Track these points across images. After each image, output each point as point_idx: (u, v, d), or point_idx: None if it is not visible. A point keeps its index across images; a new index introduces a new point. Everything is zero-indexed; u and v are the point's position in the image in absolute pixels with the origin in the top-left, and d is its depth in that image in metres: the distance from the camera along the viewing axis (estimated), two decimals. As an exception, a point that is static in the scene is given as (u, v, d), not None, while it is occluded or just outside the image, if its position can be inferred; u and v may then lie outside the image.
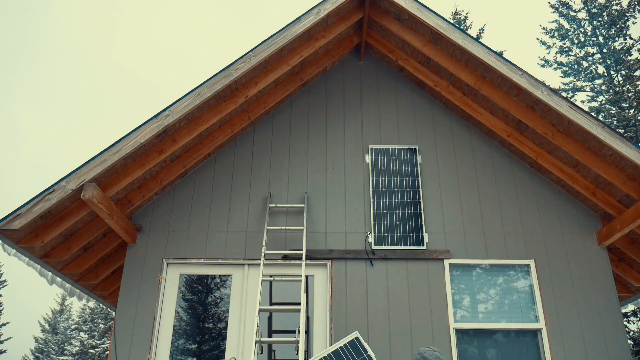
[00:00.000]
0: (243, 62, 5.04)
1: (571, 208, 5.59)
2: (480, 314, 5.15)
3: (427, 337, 4.94)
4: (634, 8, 17.79)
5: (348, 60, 6.48)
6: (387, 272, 5.26)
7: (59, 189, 4.53)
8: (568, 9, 19.10)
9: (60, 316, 30.27)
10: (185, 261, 5.37)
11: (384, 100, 6.19)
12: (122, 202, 5.32)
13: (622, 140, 4.70)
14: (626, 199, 5.16)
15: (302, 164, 5.83)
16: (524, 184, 5.71)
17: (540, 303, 5.11)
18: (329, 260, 5.31)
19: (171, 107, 4.86)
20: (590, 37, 18.48)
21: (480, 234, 5.44)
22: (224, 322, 5.25)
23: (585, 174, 5.35)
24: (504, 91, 5.34)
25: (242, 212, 5.59)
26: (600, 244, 5.36)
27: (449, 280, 5.21)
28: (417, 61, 5.97)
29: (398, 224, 5.47)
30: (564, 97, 4.91)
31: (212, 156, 5.91)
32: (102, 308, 26.19)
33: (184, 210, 5.61)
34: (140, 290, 5.19)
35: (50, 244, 5.04)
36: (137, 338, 4.98)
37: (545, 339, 4.94)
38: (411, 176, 5.72)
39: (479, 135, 5.99)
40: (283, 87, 5.96)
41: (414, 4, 5.24)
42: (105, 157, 4.63)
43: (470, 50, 5.04)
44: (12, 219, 4.46)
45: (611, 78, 17.59)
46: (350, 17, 5.79)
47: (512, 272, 5.33)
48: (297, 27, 5.18)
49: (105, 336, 26.37)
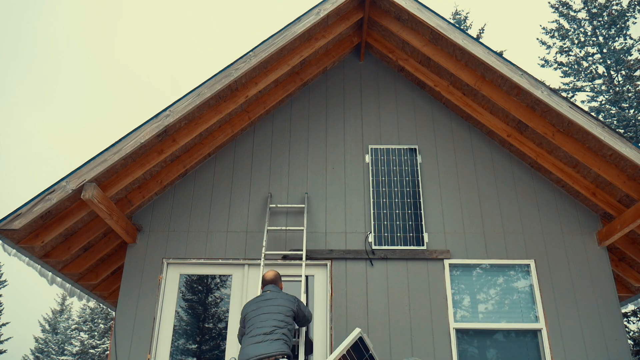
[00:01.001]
0: (243, 62, 5.04)
1: (571, 208, 5.59)
2: (480, 314, 5.15)
3: (427, 337, 4.95)
4: (634, 8, 17.79)
5: (348, 60, 6.48)
6: (387, 272, 5.26)
7: (59, 189, 4.53)
8: (568, 9, 19.10)
9: (61, 316, 30.27)
10: (185, 261, 5.37)
11: (384, 100, 6.19)
12: (122, 202, 5.32)
13: (622, 140, 4.70)
14: (626, 199, 5.16)
15: (302, 164, 5.83)
16: (524, 184, 5.71)
17: (540, 303, 5.11)
18: (329, 261, 5.31)
19: (171, 107, 4.86)
20: (590, 37, 18.48)
21: (480, 234, 5.44)
22: (224, 322, 5.25)
23: (585, 174, 5.35)
24: (504, 91, 5.34)
25: (242, 212, 5.59)
26: (600, 244, 5.36)
27: (449, 280, 5.21)
28: (417, 61, 5.97)
29: (398, 224, 5.47)
30: (564, 97, 4.91)
31: (212, 156, 5.91)
32: (102, 308, 26.19)
33: (184, 210, 5.61)
34: (140, 290, 5.19)
35: (51, 244, 5.04)
36: (137, 338, 4.98)
37: (545, 339, 4.94)
38: (411, 176, 5.72)
39: (479, 135, 5.99)
40: (283, 87, 5.96)
41: (414, 4, 5.24)
42: (106, 157, 4.63)
43: (470, 50, 5.04)
44: (12, 219, 4.46)
45: (611, 78, 17.59)
46: (350, 17, 5.79)
47: (512, 272, 5.34)
48: (297, 27, 5.18)
49: (105, 336, 26.37)
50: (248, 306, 4.19)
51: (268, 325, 3.93)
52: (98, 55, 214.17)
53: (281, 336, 3.88)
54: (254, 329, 3.95)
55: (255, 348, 3.83)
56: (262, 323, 3.96)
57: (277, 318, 3.98)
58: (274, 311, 4.03)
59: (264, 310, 4.05)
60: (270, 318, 3.98)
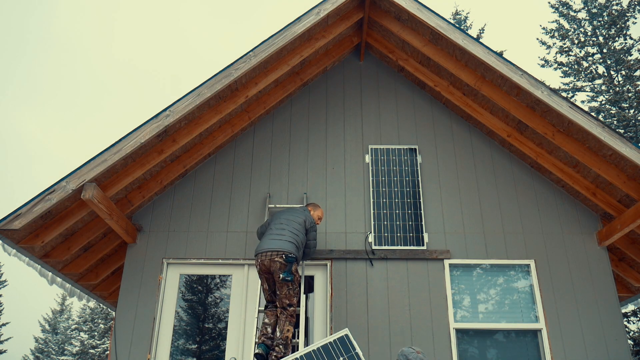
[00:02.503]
0: (243, 62, 5.04)
1: (571, 208, 5.59)
2: (481, 314, 5.15)
3: (427, 337, 4.94)
4: (634, 8, 17.78)
5: (348, 60, 6.48)
6: (387, 272, 5.26)
7: (59, 189, 4.53)
8: (568, 9, 19.09)
9: (61, 316, 30.26)
10: (185, 261, 5.37)
11: (384, 100, 6.19)
12: (122, 202, 5.32)
13: (622, 140, 4.70)
14: (626, 199, 5.16)
15: (302, 164, 5.83)
16: (524, 184, 5.71)
17: (540, 303, 5.11)
18: (329, 260, 5.31)
19: (171, 107, 4.86)
20: (590, 37, 18.47)
21: (480, 234, 5.44)
22: (224, 322, 5.25)
23: (585, 174, 5.35)
24: (504, 91, 5.34)
25: (242, 212, 5.59)
26: (601, 244, 5.36)
27: (449, 280, 5.21)
28: (417, 61, 5.97)
29: (398, 224, 5.46)
30: (564, 97, 4.91)
31: (212, 156, 5.91)
32: (102, 308, 26.19)
33: (184, 210, 5.61)
34: (140, 290, 5.19)
35: (51, 244, 5.04)
36: (137, 338, 4.98)
37: (545, 339, 4.94)
38: (411, 176, 5.72)
39: (479, 135, 5.99)
40: (283, 87, 5.96)
41: (414, 4, 5.24)
42: (106, 157, 4.63)
43: (470, 50, 5.04)
44: (13, 219, 4.46)
45: (611, 78, 17.58)
46: (350, 17, 5.79)
47: (512, 272, 5.33)
48: (297, 27, 5.18)
49: (105, 336, 26.36)
50: (277, 211, 5.14)
51: (285, 228, 4.59)
52: (97, 53, 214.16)
53: (292, 240, 4.51)
54: (273, 227, 4.65)
55: (270, 242, 4.47)
56: (281, 225, 4.63)
57: (293, 226, 4.65)
58: (293, 219, 4.72)
59: (286, 216, 4.77)
60: (288, 223, 4.66)
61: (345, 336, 4.09)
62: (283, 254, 4.36)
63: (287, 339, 4.30)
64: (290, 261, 4.34)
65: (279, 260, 4.34)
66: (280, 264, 4.33)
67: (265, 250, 4.42)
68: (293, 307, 4.40)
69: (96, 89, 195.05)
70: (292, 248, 4.43)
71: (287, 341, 4.30)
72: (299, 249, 4.52)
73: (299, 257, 4.50)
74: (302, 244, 4.63)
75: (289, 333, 4.31)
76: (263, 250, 4.43)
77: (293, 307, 4.40)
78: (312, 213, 5.00)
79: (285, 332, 4.31)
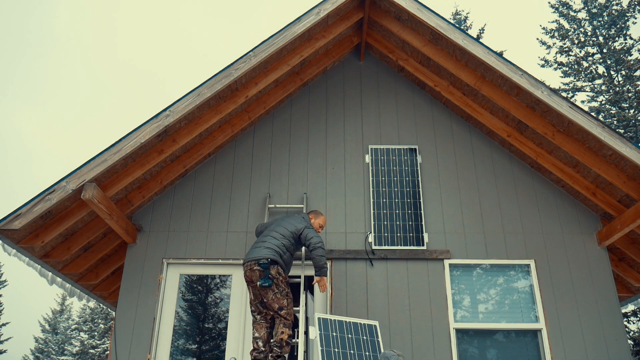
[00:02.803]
0: (243, 62, 5.04)
1: (571, 208, 5.59)
2: (481, 314, 5.15)
3: (427, 337, 4.94)
4: (634, 8, 17.78)
5: (348, 60, 6.48)
6: (387, 272, 5.26)
7: (59, 189, 4.53)
8: (568, 9, 19.09)
9: (61, 316, 30.26)
10: (185, 261, 5.37)
11: (384, 100, 6.19)
12: (122, 202, 5.32)
13: (622, 140, 4.70)
14: (626, 199, 5.16)
15: (302, 164, 5.83)
16: (524, 184, 5.71)
17: (540, 303, 5.11)
18: (329, 260, 5.31)
19: (171, 107, 4.86)
20: (590, 37, 18.48)
21: (480, 234, 5.44)
22: (224, 322, 5.25)
23: (585, 174, 5.35)
24: (504, 91, 5.34)
25: (242, 212, 5.59)
26: (601, 244, 5.36)
27: (449, 280, 5.21)
28: (417, 61, 5.97)
29: (398, 224, 5.46)
30: (564, 97, 4.91)
31: (212, 156, 5.91)
32: (102, 308, 26.19)
33: (184, 210, 5.61)
34: (140, 290, 5.19)
35: (51, 244, 5.04)
36: (137, 338, 4.98)
37: (545, 339, 4.94)
38: (411, 176, 5.72)
39: (479, 135, 5.99)
40: (283, 87, 5.96)
41: (414, 4, 5.24)
42: (106, 157, 4.63)
43: (470, 50, 5.04)
44: (13, 219, 4.46)
45: (611, 78, 17.58)
46: (350, 17, 5.79)
47: (512, 272, 5.33)
48: (297, 27, 5.18)
49: (105, 336, 26.37)
50: (277, 218, 4.92)
51: (269, 234, 4.52)
52: (97, 53, 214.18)
53: (271, 245, 4.40)
54: (262, 236, 4.60)
55: (251, 252, 4.43)
56: (270, 232, 4.56)
57: (279, 231, 4.54)
58: (283, 225, 4.60)
59: (278, 223, 4.68)
60: (276, 230, 4.56)
61: (374, 326, 4.49)
62: (257, 261, 4.29)
63: (282, 342, 4.26)
64: (264, 266, 4.25)
65: (257, 268, 4.28)
66: (260, 272, 4.28)
67: (247, 260, 4.38)
68: (285, 310, 4.30)
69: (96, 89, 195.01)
70: (269, 253, 4.32)
71: (281, 343, 4.26)
72: (281, 253, 4.39)
73: (281, 260, 4.36)
74: (290, 248, 4.50)
75: (283, 335, 4.27)
76: (245, 260, 4.40)
77: (285, 310, 4.30)
78: (313, 221, 4.86)
79: (279, 335, 4.27)
